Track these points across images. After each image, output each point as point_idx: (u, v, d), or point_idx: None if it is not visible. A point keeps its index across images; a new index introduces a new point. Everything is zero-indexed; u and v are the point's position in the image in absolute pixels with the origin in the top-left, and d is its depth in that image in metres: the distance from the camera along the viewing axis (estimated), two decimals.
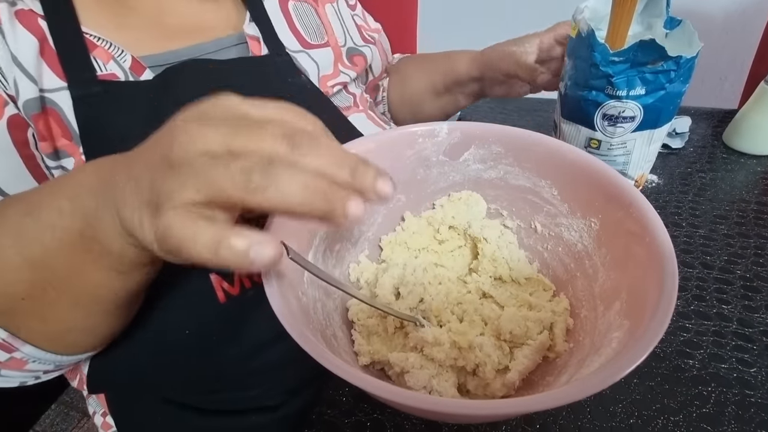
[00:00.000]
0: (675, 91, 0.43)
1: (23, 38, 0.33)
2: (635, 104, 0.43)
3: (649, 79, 0.42)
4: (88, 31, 0.36)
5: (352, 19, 0.58)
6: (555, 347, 0.33)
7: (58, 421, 1.18)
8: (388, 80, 0.69)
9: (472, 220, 0.40)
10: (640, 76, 0.42)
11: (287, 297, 0.26)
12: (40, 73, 0.34)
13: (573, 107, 0.48)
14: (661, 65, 0.41)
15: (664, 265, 0.25)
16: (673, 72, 0.41)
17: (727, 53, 1.12)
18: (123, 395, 0.45)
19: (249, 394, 0.42)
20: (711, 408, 0.35)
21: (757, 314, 0.41)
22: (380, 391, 0.21)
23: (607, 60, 0.42)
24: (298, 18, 0.50)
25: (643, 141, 0.47)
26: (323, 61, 0.50)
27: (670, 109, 0.45)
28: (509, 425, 0.35)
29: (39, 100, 0.34)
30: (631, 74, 0.42)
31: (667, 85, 0.42)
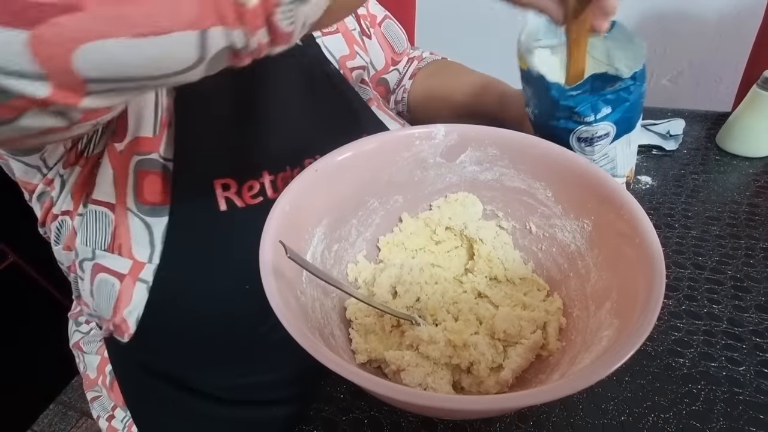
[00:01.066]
0: (638, 96, 0.44)
1: None
2: (606, 123, 0.44)
3: (612, 99, 0.43)
4: None
5: None
6: (548, 346, 0.33)
7: (56, 421, 1.18)
8: (412, 82, 0.68)
9: (468, 221, 0.41)
10: (602, 99, 0.42)
11: (286, 296, 0.27)
12: None
13: (546, 133, 0.48)
14: (620, 84, 0.41)
15: (653, 265, 0.26)
16: (632, 86, 0.42)
17: (722, 56, 1.13)
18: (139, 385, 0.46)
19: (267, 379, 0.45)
20: (701, 405, 0.36)
21: (746, 314, 0.42)
22: (377, 386, 0.21)
23: (566, 96, 0.42)
24: None
25: (623, 146, 0.47)
26: (337, 46, 0.52)
27: (638, 111, 0.45)
28: (503, 422, 0.35)
29: None
30: (594, 99, 0.42)
31: (630, 96, 0.43)
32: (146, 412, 0.47)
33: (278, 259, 0.28)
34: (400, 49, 0.68)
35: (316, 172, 0.34)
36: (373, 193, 0.40)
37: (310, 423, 0.36)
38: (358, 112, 0.49)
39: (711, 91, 1.19)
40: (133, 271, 0.41)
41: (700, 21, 1.10)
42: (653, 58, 1.19)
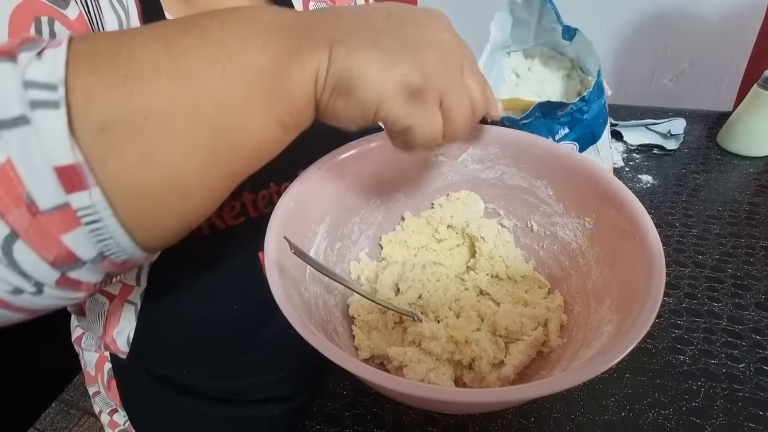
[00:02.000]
0: (595, 111, 0.44)
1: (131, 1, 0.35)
2: (566, 143, 0.44)
3: (567, 121, 0.43)
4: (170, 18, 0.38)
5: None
6: (549, 342, 0.34)
7: (58, 419, 1.19)
8: None
9: (470, 220, 0.41)
10: (557, 122, 0.43)
11: (290, 292, 0.27)
12: None
13: None
14: (570, 108, 0.42)
15: (653, 261, 0.26)
16: (583, 106, 0.42)
17: (723, 55, 1.13)
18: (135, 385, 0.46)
19: (268, 380, 0.44)
20: (700, 402, 0.36)
21: (746, 312, 0.43)
22: (382, 380, 0.22)
23: (519, 125, 0.43)
24: None
25: (591, 155, 0.47)
26: None
27: (600, 122, 0.46)
28: (505, 418, 0.36)
29: None
30: (548, 124, 0.43)
31: (586, 115, 0.43)
32: (144, 414, 0.47)
33: (282, 256, 0.29)
34: None
35: (318, 170, 0.35)
36: (376, 191, 0.40)
37: (313, 419, 0.36)
38: None
39: (712, 90, 1.19)
40: (123, 293, 0.41)
41: (701, 21, 1.10)
42: (654, 58, 1.20)
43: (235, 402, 0.46)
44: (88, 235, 0.20)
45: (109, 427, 0.50)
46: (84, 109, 0.19)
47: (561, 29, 0.43)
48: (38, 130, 0.18)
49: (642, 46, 1.19)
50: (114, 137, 0.19)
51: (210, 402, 0.46)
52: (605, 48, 1.23)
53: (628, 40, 1.20)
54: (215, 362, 0.45)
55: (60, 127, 0.18)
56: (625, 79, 1.25)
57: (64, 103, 0.18)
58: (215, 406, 0.46)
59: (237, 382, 0.46)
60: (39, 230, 0.19)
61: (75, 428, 1.17)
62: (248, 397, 0.46)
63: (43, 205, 0.18)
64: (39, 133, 0.18)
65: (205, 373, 0.45)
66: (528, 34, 0.46)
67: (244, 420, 0.47)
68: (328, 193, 0.36)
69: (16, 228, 0.18)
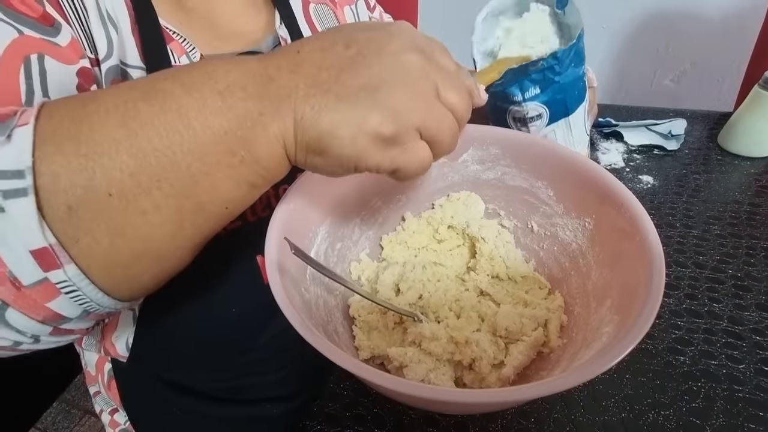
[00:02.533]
0: (570, 78, 0.44)
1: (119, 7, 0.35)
2: (536, 104, 0.45)
3: (538, 79, 0.43)
4: (166, 25, 0.38)
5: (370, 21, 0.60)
6: (549, 343, 0.34)
7: (59, 419, 1.19)
8: None
9: (471, 220, 0.42)
10: (528, 79, 0.43)
11: (291, 292, 0.27)
12: (128, 45, 0.35)
13: (491, 112, 0.50)
14: (542, 65, 0.42)
15: (653, 263, 0.26)
16: (556, 66, 0.42)
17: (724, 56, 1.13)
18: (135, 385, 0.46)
19: (267, 380, 0.44)
20: (701, 402, 0.36)
21: (747, 312, 0.43)
22: (380, 380, 0.22)
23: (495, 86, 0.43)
24: (318, 20, 0.52)
25: (563, 130, 0.48)
26: None
27: (575, 93, 0.46)
28: (505, 418, 0.36)
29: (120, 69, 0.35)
30: (520, 81, 0.43)
31: (558, 77, 0.43)
32: (144, 414, 0.48)
33: (283, 257, 0.29)
34: None
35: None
36: (376, 192, 0.40)
37: (313, 419, 0.37)
38: None
39: (713, 91, 1.19)
40: None
41: (703, 21, 1.10)
42: (656, 58, 1.20)
43: (235, 402, 0.46)
44: (69, 301, 0.22)
45: (109, 427, 0.50)
46: (51, 193, 0.20)
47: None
48: (12, 217, 0.19)
49: (643, 46, 1.19)
50: (82, 217, 0.21)
51: (210, 402, 0.46)
52: (606, 48, 1.23)
53: (630, 40, 1.19)
54: (215, 364, 0.45)
55: (30, 213, 0.19)
56: (626, 79, 1.25)
57: (32, 191, 0.19)
58: (215, 405, 0.46)
59: (236, 382, 0.46)
60: (25, 300, 0.21)
61: (76, 428, 1.17)
62: (247, 396, 0.47)
63: (25, 281, 0.21)
64: (13, 220, 0.19)
65: (204, 374, 0.45)
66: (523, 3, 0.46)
67: (243, 420, 0.47)
68: (329, 194, 0.36)
69: (5, 299, 0.21)
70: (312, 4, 0.52)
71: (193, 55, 0.39)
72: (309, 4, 0.51)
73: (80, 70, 0.32)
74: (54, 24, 0.30)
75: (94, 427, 1.17)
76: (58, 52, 0.29)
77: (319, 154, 0.23)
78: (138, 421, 0.48)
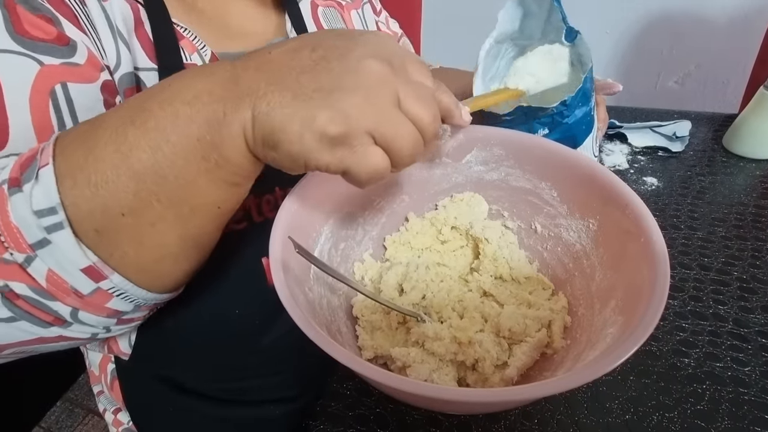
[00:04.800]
0: (578, 117, 0.44)
1: (124, 16, 0.35)
2: None
3: (547, 122, 0.43)
4: (176, 22, 0.38)
5: (377, 26, 0.60)
6: (552, 344, 0.34)
7: (63, 418, 1.19)
8: None
9: (474, 221, 0.42)
10: (537, 122, 0.43)
11: (295, 291, 0.27)
12: (134, 50, 0.36)
13: None
14: (551, 111, 0.42)
15: (658, 263, 0.26)
16: (564, 110, 0.42)
17: (729, 58, 1.12)
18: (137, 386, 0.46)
19: (270, 382, 0.44)
20: (705, 405, 0.36)
21: (752, 315, 0.42)
22: (384, 378, 0.22)
23: (501, 121, 0.44)
24: (327, 23, 0.52)
25: None
26: None
27: (583, 128, 0.46)
28: (508, 420, 0.35)
29: (133, 76, 0.36)
30: (529, 124, 0.44)
31: (566, 119, 0.43)
32: (146, 414, 0.47)
33: (287, 256, 0.29)
34: None
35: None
36: (380, 192, 0.40)
37: (316, 419, 0.37)
38: None
39: (718, 93, 1.19)
40: None
41: (707, 23, 1.10)
42: (660, 60, 1.19)
43: (238, 403, 0.46)
44: (121, 301, 0.28)
45: (113, 426, 0.50)
46: (79, 221, 0.24)
47: (565, 30, 0.44)
48: (59, 247, 0.24)
49: (648, 48, 1.19)
50: (108, 237, 0.25)
51: (212, 403, 0.46)
52: (611, 50, 1.23)
53: (634, 41, 1.19)
54: (218, 364, 0.45)
55: (71, 241, 0.24)
56: (631, 81, 1.25)
57: (66, 223, 0.24)
58: (217, 406, 0.46)
59: (239, 384, 0.46)
60: (89, 304, 0.27)
61: (80, 427, 1.18)
62: (250, 398, 0.47)
63: (84, 291, 0.26)
64: (60, 248, 0.24)
65: (207, 375, 0.45)
66: (536, 28, 0.46)
67: (246, 421, 0.47)
68: (333, 194, 0.36)
69: (74, 305, 0.26)
70: (320, 6, 0.52)
71: (204, 53, 0.39)
72: (318, 6, 0.52)
73: (103, 85, 0.33)
74: (69, 43, 0.31)
75: (98, 426, 1.18)
76: (79, 73, 0.31)
77: (273, 148, 0.24)
78: (140, 422, 0.48)
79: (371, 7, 0.60)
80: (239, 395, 0.46)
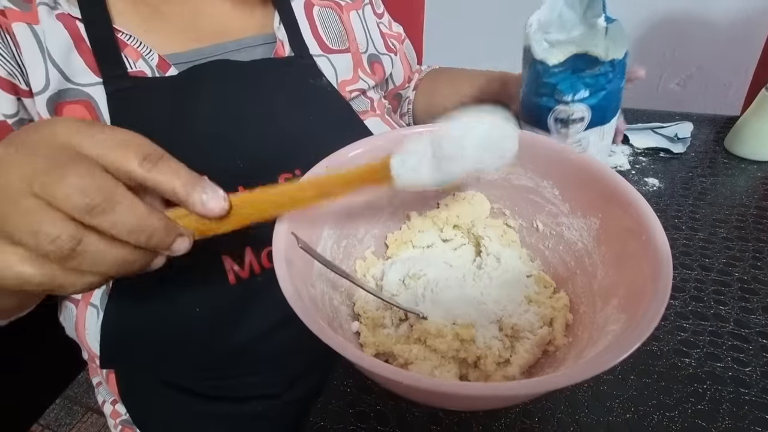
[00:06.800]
0: (615, 89, 0.47)
1: (59, 37, 0.36)
2: (582, 106, 0.46)
3: (590, 83, 0.45)
4: (120, 29, 0.39)
5: (377, 27, 0.59)
6: (555, 341, 0.34)
7: (62, 416, 1.19)
8: (414, 93, 0.69)
9: (476, 219, 0.42)
10: (582, 81, 0.45)
11: (297, 285, 0.27)
12: (72, 68, 0.37)
13: (529, 112, 0.51)
14: (599, 69, 0.44)
15: (660, 261, 0.26)
16: (610, 73, 0.44)
17: (730, 60, 1.12)
18: (132, 380, 0.46)
19: (248, 381, 0.44)
20: (706, 405, 0.36)
21: (753, 315, 0.42)
22: (386, 372, 0.22)
23: (549, 72, 0.45)
24: (321, 23, 0.51)
25: (596, 137, 0.50)
26: (342, 66, 0.51)
27: (614, 105, 0.48)
28: (508, 417, 0.35)
29: (72, 92, 0.37)
30: (574, 80, 0.45)
31: (607, 85, 0.45)
32: (142, 408, 0.47)
33: (290, 252, 0.29)
34: (414, 68, 0.69)
35: (326, 168, 0.35)
36: (382, 190, 0.41)
37: (317, 416, 0.37)
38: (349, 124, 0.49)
39: (719, 95, 1.19)
40: (85, 296, 0.42)
41: (709, 26, 1.10)
42: (662, 62, 1.19)
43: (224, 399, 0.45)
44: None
45: (111, 418, 0.50)
46: None
47: (604, 17, 0.44)
48: None
49: (649, 49, 1.19)
50: None
51: (200, 398, 0.45)
52: None
53: (636, 43, 1.19)
54: (193, 365, 0.43)
55: None
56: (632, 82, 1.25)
57: None
58: (205, 402, 0.44)
59: (221, 381, 0.44)
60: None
61: (78, 424, 1.17)
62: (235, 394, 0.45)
63: None
64: None
65: (184, 372, 0.44)
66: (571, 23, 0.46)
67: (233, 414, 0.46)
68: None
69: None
70: (316, 6, 0.51)
71: (150, 58, 0.40)
72: (313, 6, 0.51)
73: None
74: None
75: (97, 423, 1.17)
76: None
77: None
78: (135, 414, 0.47)
79: (372, 8, 0.59)
80: (225, 392, 0.45)
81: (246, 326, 0.41)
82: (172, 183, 0.23)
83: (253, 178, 0.40)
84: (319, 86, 0.48)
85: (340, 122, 0.48)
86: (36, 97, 0.36)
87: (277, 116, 0.44)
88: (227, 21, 0.46)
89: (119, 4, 0.40)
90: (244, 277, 0.40)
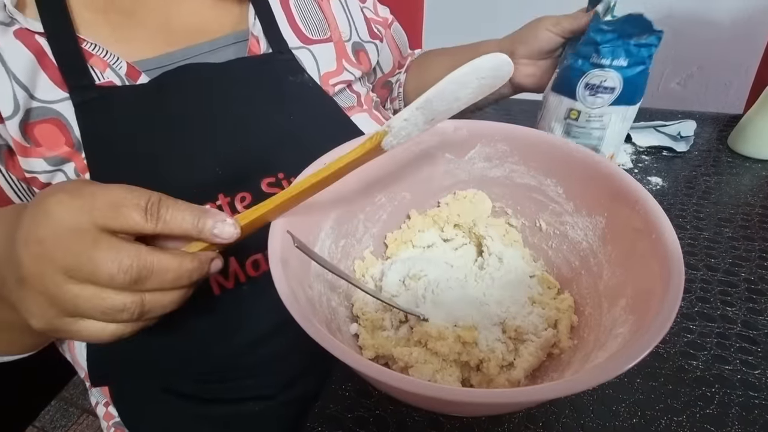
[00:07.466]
0: (646, 72, 0.47)
1: (19, 55, 0.35)
2: (616, 74, 0.47)
3: (633, 52, 0.45)
4: (85, 39, 0.37)
5: (362, 12, 0.56)
6: (560, 343, 0.33)
7: (57, 417, 1.18)
8: (405, 75, 0.67)
9: (477, 218, 0.41)
10: (624, 47, 0.45)
11: (294, 287, 0.26)
12: (37, 85, 0.35)
13: (561, 77, 0.51)
14: (646, 38, 0.44)
15: (671, 261, 0.25)
16: (654, 47, 0.45)
17: (732, 59, 1.12)
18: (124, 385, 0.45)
19: (244, 384, 0.43)
20: (715, 409, 0.35)
21: (761, 317, 0.41)
22: (386, 377, 0.21)
23: (597, 27, 0.45)
24: (299, 13, 0.49)
25: (618, 117, 0.50)
26: (324, 57, 0.49)
27: (641, 89, 0.48)
28: (512, 422, 0.34)
29: (40, 110, 0.35)
30: (617, 45, 0.45)
31: (647, 60, 0.46)
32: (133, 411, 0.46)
33: (286, 252, 0.28)
34: (405, 53, 0.67)
35: (324, 165, 0.34)
36: (381, 188, 0.40)
37: (314, 420, 0.36)
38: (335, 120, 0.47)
39: (720, 94, 1.18)
40: None
41: (710, 25, 1.09)
42: (663, 61, 1.19)
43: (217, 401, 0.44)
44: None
45: (104, 420, 0.49)
46: None
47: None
48: None
49: None
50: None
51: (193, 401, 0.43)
52: None
53: None
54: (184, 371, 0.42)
55: None
56: None
57: None
58: (198, 404, 0.43)
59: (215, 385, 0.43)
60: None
61: (74, 426, 1.16)
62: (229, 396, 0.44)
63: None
64: None
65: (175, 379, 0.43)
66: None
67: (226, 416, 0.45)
68: (333, 190, 0.35)
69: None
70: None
71: (117, 67, 0.38)
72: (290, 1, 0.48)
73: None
74: None
75: (92, 425, 1.16)
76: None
77: None
78: (127, 416, 0.46)
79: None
80: (219, 394, 0.44)
81: (233, 336, 0.40)
82: (182, 227, 0.25)
83: (234, 186, 0.39)
84: (300, 83, 0.46)
85: (323, 120, 0.46)
86: (8, 122, 0.34)
87: (254, 118, 0.42)
88: (202, 20, 0.44)
89: (86, 13, 0.38)
90: (229, 287, 0.39)
